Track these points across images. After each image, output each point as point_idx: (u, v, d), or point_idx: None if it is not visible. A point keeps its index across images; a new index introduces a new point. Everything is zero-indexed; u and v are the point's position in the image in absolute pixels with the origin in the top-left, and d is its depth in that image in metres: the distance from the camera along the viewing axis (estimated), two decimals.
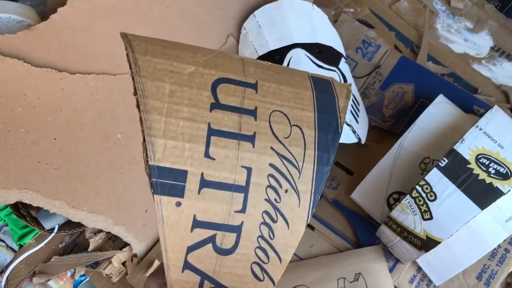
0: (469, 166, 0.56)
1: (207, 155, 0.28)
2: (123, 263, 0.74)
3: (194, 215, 0.28)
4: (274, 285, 0.31)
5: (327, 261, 0.66)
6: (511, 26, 0.88)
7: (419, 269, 0.65)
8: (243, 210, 0.29)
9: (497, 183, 0.55)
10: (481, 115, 0.61)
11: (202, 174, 0.28)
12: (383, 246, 0.66)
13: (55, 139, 0.67)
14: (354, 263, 0.65)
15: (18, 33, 0.68)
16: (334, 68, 0.69)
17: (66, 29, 0.71)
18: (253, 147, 0.29)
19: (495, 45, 0.86)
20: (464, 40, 0.86)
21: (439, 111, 0.66)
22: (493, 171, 0.55)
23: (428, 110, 0.65)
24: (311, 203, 0.31)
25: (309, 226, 0.68)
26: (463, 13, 0.89)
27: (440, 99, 0.67)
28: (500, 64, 0.83)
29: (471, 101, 0.73)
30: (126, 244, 0.74)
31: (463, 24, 0.88)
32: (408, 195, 0.57)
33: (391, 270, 0.65)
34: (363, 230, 0.68)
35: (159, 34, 0.75)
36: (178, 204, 0.27)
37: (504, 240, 0.65)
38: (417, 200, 0.56)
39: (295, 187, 0.30)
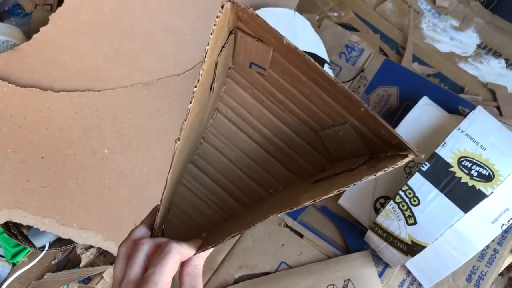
0: (451, 169, 0.56)
1: None
2: None
3: None
4: None
5: (316, 268, 0.66)
6: (497, 22, 0.87)
7: (409, 273, 0.65)
8: None
9: (480, 186, 0.54)
10: (466, 116, 0.61)
11: None
12: (372, 251, 0.66)
13: (42, 157, 0.68)
14: (343, 269, 0.65)
15: (1, 54, 0.69)
16: None
17: (49, 48, 0.71)
18: None
19: (481, 43, 0.85)
20: (450, 39, 0.86)
21: (423, 113, 0.65)
22: (475, 174, 0.55)
23: (411, 113, 0.65)
24: None
25: (298, 234, 0.69)
26: (449, 11, 0.88)
27: (424, 101, 0.67)
28: (487, 62, 0.83)
29: (456, 102, 0.72)
30: None
31: (448, 22, 0.87)
32: (391, 201, 0.57)
33: (380, 274, 0.65)
34: (352, 236, 0.68)
35: (143, 47, 0.75)
36: None
37: (493, 241, 0.65)
38: (400, 205, 0.56)
39: None
